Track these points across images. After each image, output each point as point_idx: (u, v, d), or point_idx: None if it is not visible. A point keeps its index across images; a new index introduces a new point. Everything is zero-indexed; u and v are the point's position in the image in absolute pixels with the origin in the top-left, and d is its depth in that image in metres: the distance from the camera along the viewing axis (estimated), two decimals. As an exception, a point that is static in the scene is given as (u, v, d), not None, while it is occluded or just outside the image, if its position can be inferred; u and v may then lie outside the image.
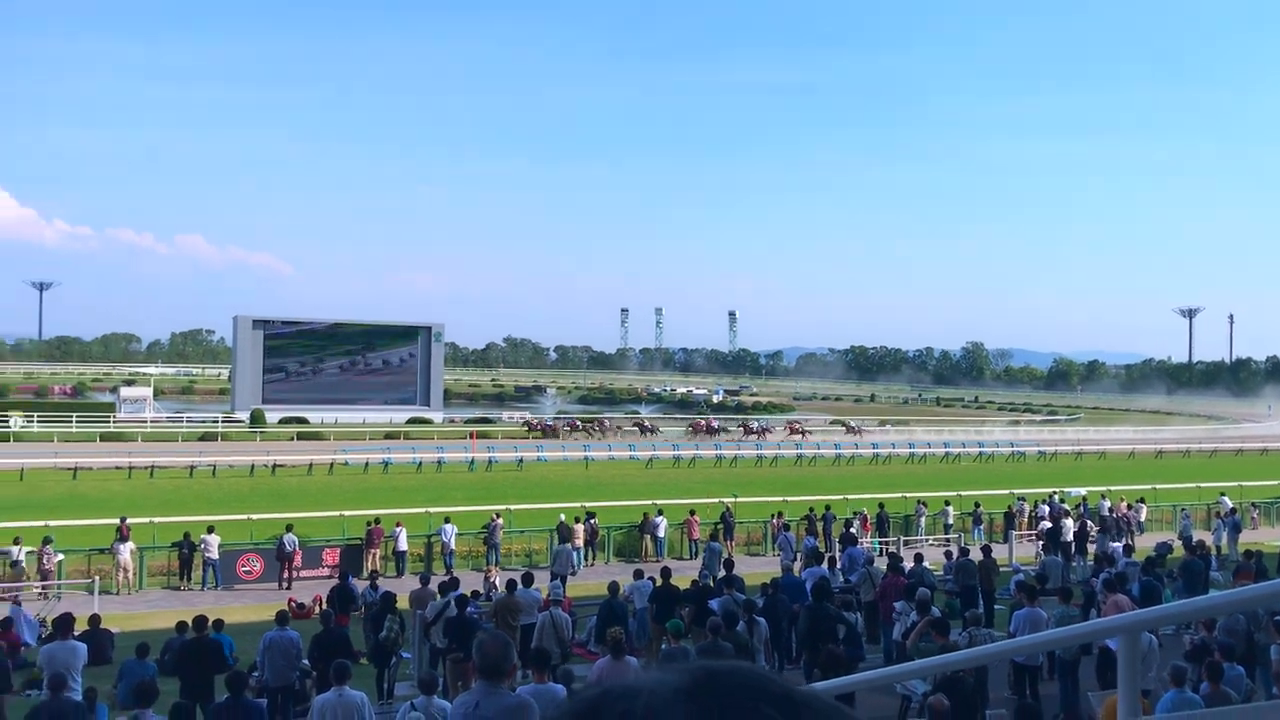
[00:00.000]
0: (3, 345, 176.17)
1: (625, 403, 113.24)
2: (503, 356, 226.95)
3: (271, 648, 12.22)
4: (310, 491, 39.93)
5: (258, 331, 75.47)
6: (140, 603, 23.34)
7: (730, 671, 1.01)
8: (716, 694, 0.98)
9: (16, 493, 37.59)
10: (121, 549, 24.17)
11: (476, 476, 46.85)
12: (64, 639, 11.75)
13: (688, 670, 1.01)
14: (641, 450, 55.45)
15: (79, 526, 25.97)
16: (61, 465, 43.43)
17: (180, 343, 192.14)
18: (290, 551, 25.11)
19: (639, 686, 1.00)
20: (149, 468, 43.76)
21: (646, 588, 16.96)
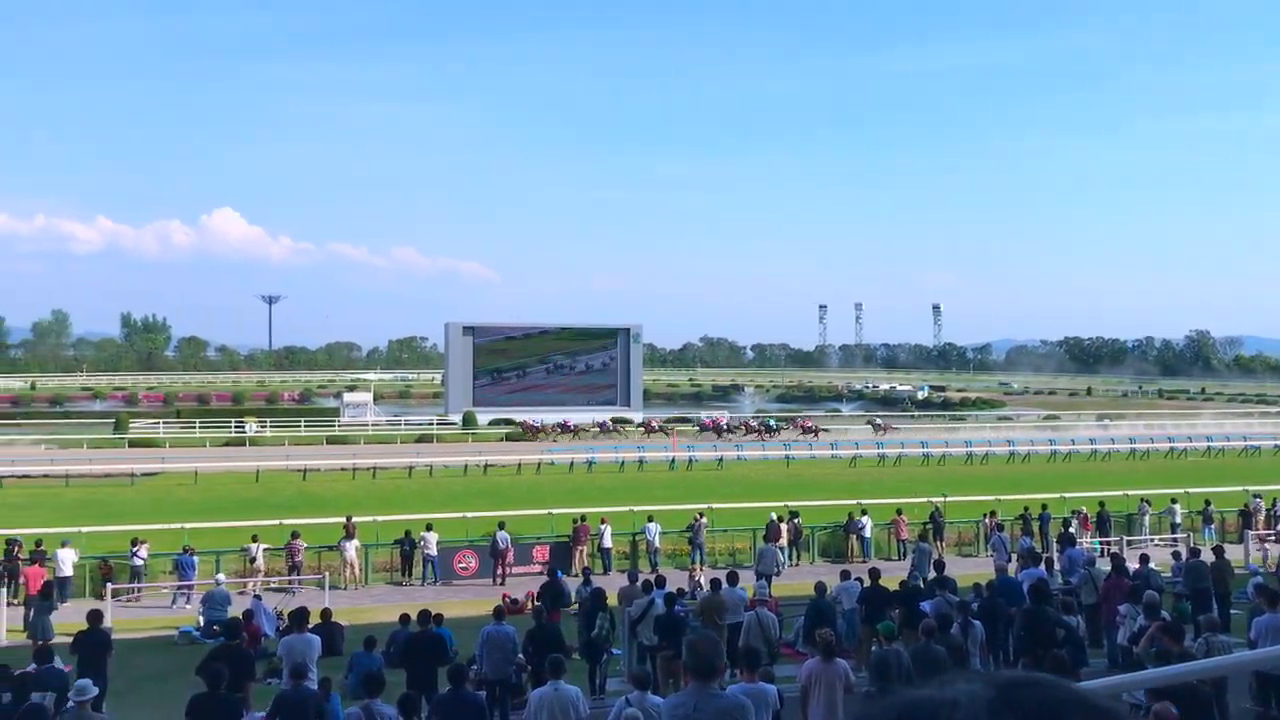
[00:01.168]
0: (237, 356, 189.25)
1: (825, 400, 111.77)
2: (700, 356, 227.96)
3: (489, 642, 12.64)
4: (521, 489, 41.18)
5: (467, 338, 78.45)
6: (366, 597, 24.58)
7: (1034, 683, 1.03)
8: (1027, 705, 0.99)
9: (253, 493, 40.26)
10: (347, 546, 25.54)
11: (678, 475, 47.22)
12: (300, 631, 12.48)
13: (992, 682, 1.03)
14: (844, 449, 54.62)
15: (310, 525, 27.52)
16: (292, 467, 46.24)
17: (397, 350, 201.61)
18: (503, 548, 25.95)
19: (949, 698, 1.00)
20: (371, 469, 46.07)
21: (854, 588, 16.69)
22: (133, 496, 39.47)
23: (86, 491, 40.44)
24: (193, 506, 35.82)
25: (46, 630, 17.43)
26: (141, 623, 21.70)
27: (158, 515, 32.77)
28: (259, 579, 24.59)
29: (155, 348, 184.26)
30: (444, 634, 13.14)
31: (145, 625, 21.51)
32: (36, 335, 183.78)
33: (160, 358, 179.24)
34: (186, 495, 39.54)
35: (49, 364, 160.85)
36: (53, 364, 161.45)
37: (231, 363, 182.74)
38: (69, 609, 20.66)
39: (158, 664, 17.32)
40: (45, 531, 26.11)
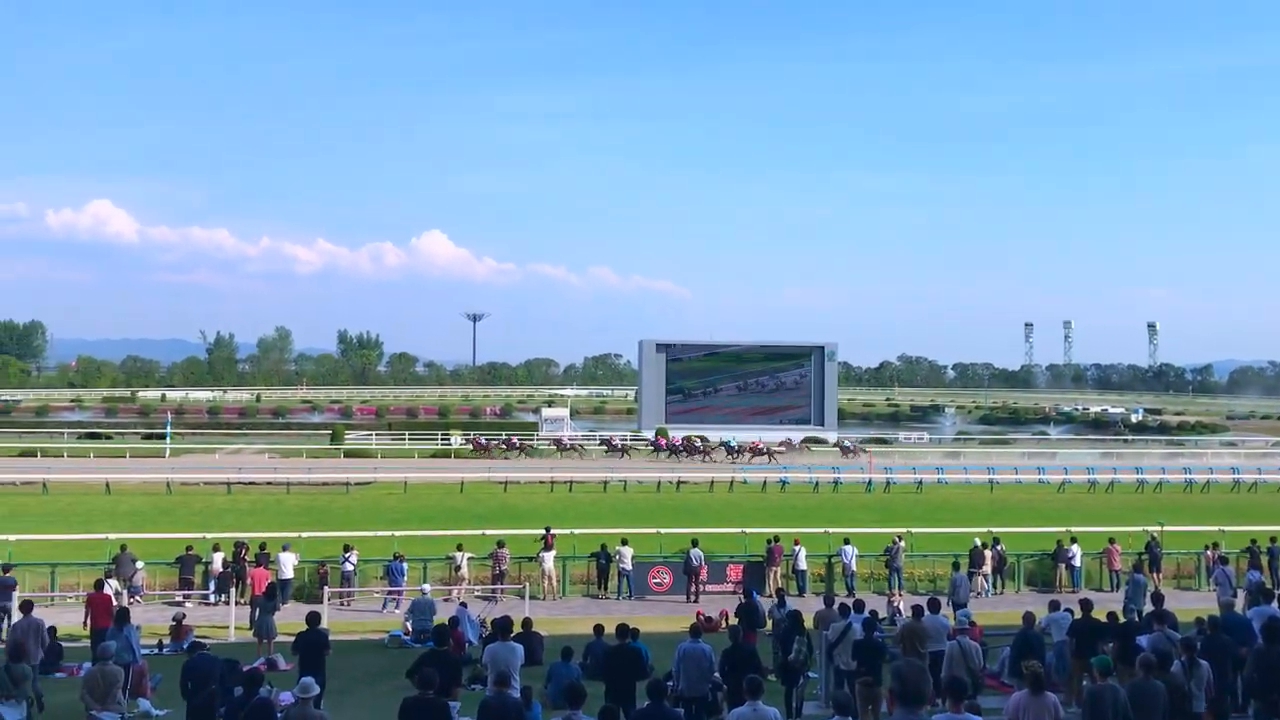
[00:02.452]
0: (443, 371, 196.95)
1: (1031, 423, 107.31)
2: (897, 375, 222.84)
3: (686, 658, 12.65)
4: (711, 507, 41.21)
5: (660, 355, 79.28)
6: (563, 609, 25.07)
7: None
8: None
9: (458, 503, 41.71)
10: (546, 558, 26.14)
11: (874, 497, 46.28)
12: (504, 640, 12.81)
13: None
14: (1052, 473, 52.31)
15: (510, 535, 28.28)
16: (494, 479, 47.68)
17: (592, 366, 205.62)
18: (697, 566, 26.01)
19: None
20: (568, 482, 47.04)
21: (1065, 620, 15.90)
22: (347, 504, 41.51)
23: (306, 498, 42.79)
24: (402, 515, 37.42)
25: (270, 629, 18.51)
26: (354, 625, 22.76)
27: (370, 523, 34.39)
28: (463, 586, 25.45)
29: (369, 363, 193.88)
30: (641, 648, 13.23)
31: (357, 628, 22.55)
32: (262, 351, 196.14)
33: (373, 373, 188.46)
34: (396, 504, 41.30)
35: (273, 378, 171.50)
36: (276, 378, 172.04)
37: (438, 378, 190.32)
38: (289, 610, 21.92)
39: (370, 665, 18.12)
40: (268, 536, 27.78)
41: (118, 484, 44.76)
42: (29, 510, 38.28)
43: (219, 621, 22.49)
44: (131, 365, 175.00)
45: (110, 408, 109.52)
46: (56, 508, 39.04)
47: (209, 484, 45.99)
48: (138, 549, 25.87)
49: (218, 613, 23.46)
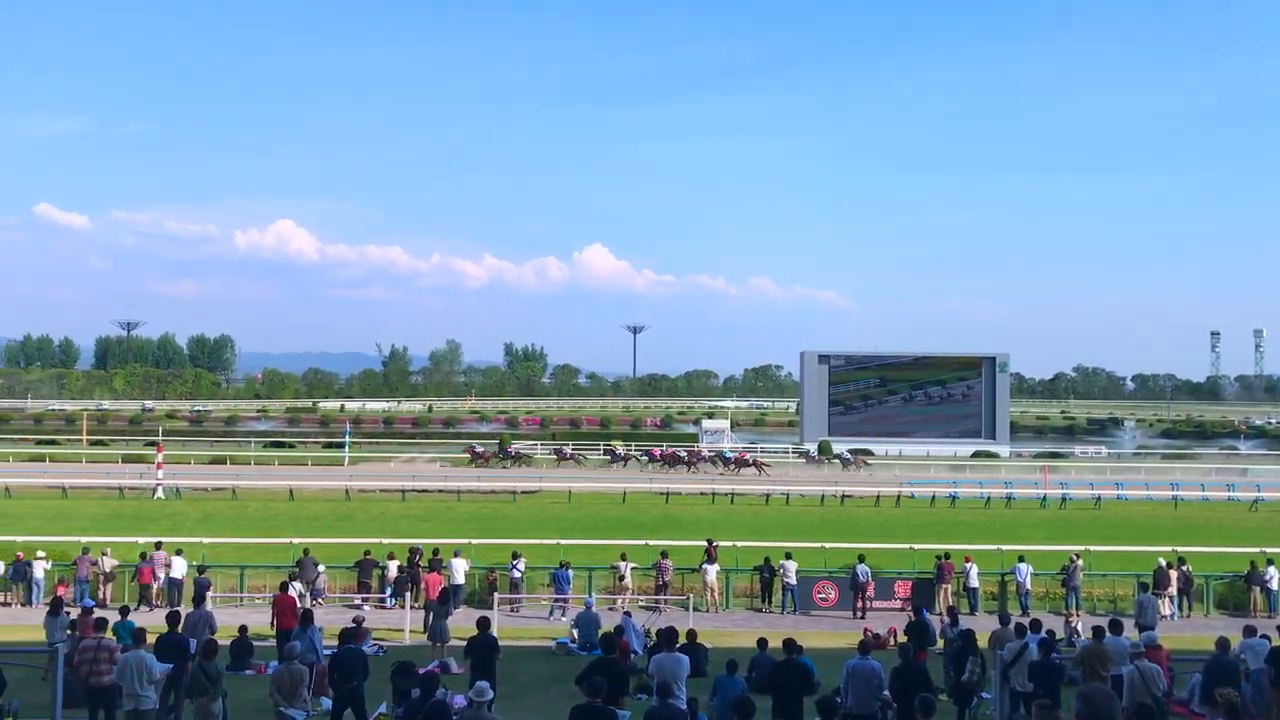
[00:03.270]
0: (605, 382, 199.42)
1: (1219, 437, 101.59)
2: (1073, 387, 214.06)
3: (855, 676, 12.46)
4: (877, 522, 40.45)
5: (822, 366, 78.40)
6: (726, 621, 25.00)
7: None
8: None
9: (620, 513, 42.15)
10: (709, 569, 26.11)
11: (1050, 514, 44.62)
12: (669, 650, 12.88)
13: None
14: (1243, 490, 49.41)
15: (672, 546, 28.36)
16: (655, 490, 48.00)
17: (752, 378, 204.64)
18: (863, 582, 25.54)
19: None
20: (729, 494, 46.93)
21: (1262, 646, 14.98)
22: (514, 512, 42.45)
23: (475, 506, 43.97)
24: (566, 524, 38.04)
25: (443, 633, 19.06)
26: (521, 631, 23.21)
27: (535, 531, 35.09)
28: (627, 596, 25.66)
29: (534, 375, 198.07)
30: (809, 664, 13.09)
31: (525, 634, 22.99)
32: (433, 363, 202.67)
33: (538, 384, 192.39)
34: (561, 513, 42.00)
35: (443, 389, 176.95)
36: (446, 389, 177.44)
37: (600, 389, 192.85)
38: (460, 615, 22.52)
39: (538, 671, 18.46)
40: (440, 542, 28.60)
41: (300, 490, 46.93)
42: (220, 514, 40.52)
43: (395, 625, 23.28)
44: (312, 377, 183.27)
45: (293, 418, 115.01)
46: (245, 512, 41.21)
47: (385, 491, 47.76)
48: (319, 553, 27.02)
49: (394, 616, 24.29)
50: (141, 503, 43.97)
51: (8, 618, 24.27)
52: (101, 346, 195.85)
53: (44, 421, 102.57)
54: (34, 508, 41.45)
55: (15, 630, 22.29)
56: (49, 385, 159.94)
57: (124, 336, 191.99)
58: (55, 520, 37.72)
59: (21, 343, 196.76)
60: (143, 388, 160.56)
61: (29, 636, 20.25)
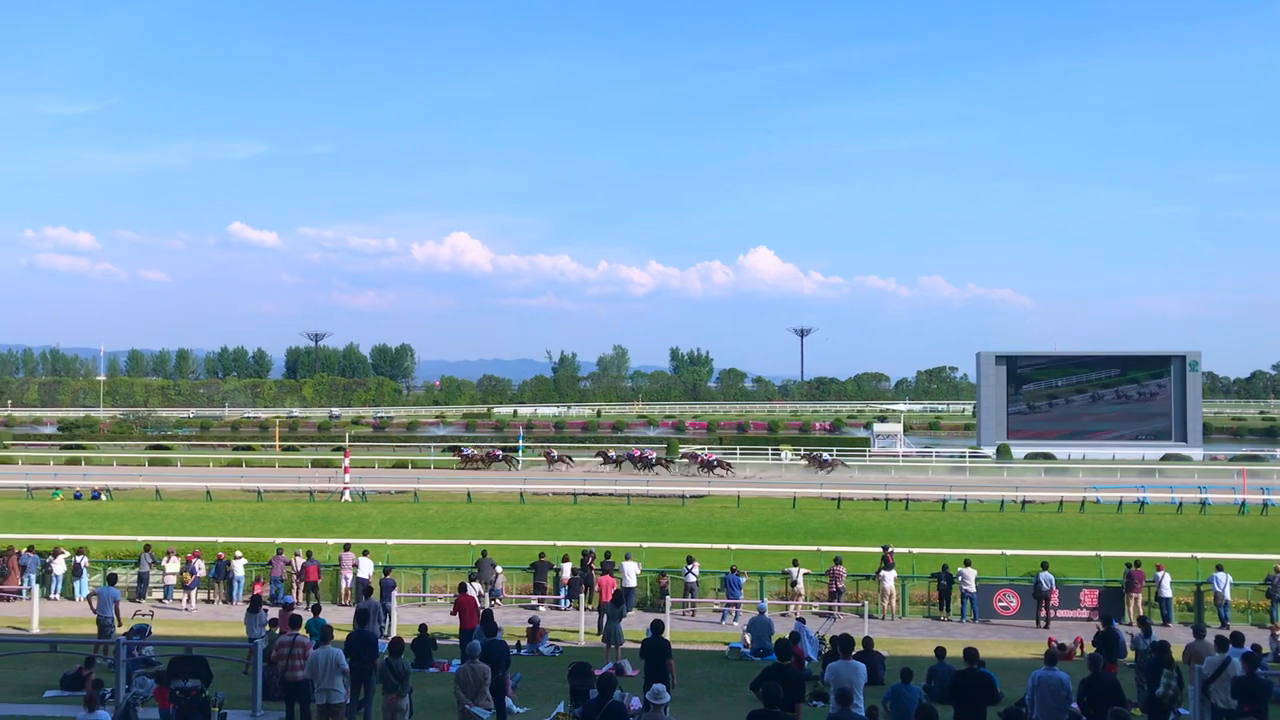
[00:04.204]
0: (772, 386, 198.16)
1: None
2: (1272, 386, 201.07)
3: (1041, 687, 12.01)
4: (1061, 529, 38.91)
5: (1000, 367, 75.93)
6: (904, 629, 24.47)
7: None
8: None
9: (790, 519, 41.76)
10: (886, 576, 25.61)
11: (1249, 520, 42.03)
12: (845, 658, 12.67)
13: None
14: None
15: (845, 552, 27.93)
16: (826, 495, 47.37)
17: (925, 380, 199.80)
18: (1046, 590, 24.59)
19: None
20: (903, 500, 45.96)
21: None
22: (682, 516, 42.59)
23: (644, 510, 44.31)
24: (735, 528, 37.97)
25: (617, 635, 19.28)
26: (694, 635, 23.26)
27: (704, 535, 35.16)
28: (800, 602, 25.42)
29: (699, 379, 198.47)
30: (991, 674, 12.68)
31: (698, 638, 23.03)
32: (601, 369, 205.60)
33: (704, 388, 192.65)
34: (730, 517, 41.91)
35: (611, 395, 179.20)
36: (614, 394, 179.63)
37: (767, 393, 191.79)
38: (632, 618, 22.72)
39: (712, 676, 18.47)
40: (612, 545, 29.03)
41: (477, 493, 48.25)
42: (403, 517, 42.05)
43: (569, 626, 23.68)
44: (487, 384, 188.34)
45: (469, 423, 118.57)
46: (426, 515, 42.64)
47: (557, 494, 48.65)
48: (495, 554, 27.73)
49: (568, 617, 24.72)
50: (330, 505, 46.02)
51: (210, 614, 25.79)
52: (292, 357, 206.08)
53: (240, 428, 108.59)
54: (233, 510, 43.91)
55: (217, 626, 23.67)
56: (244, 394, 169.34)
57: (312, 347, 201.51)
58: (252, 522, 39.91)
59: (219, 354, 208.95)
60: (330, 395, 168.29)
61: (230, 632, 21.48)
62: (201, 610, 26.23)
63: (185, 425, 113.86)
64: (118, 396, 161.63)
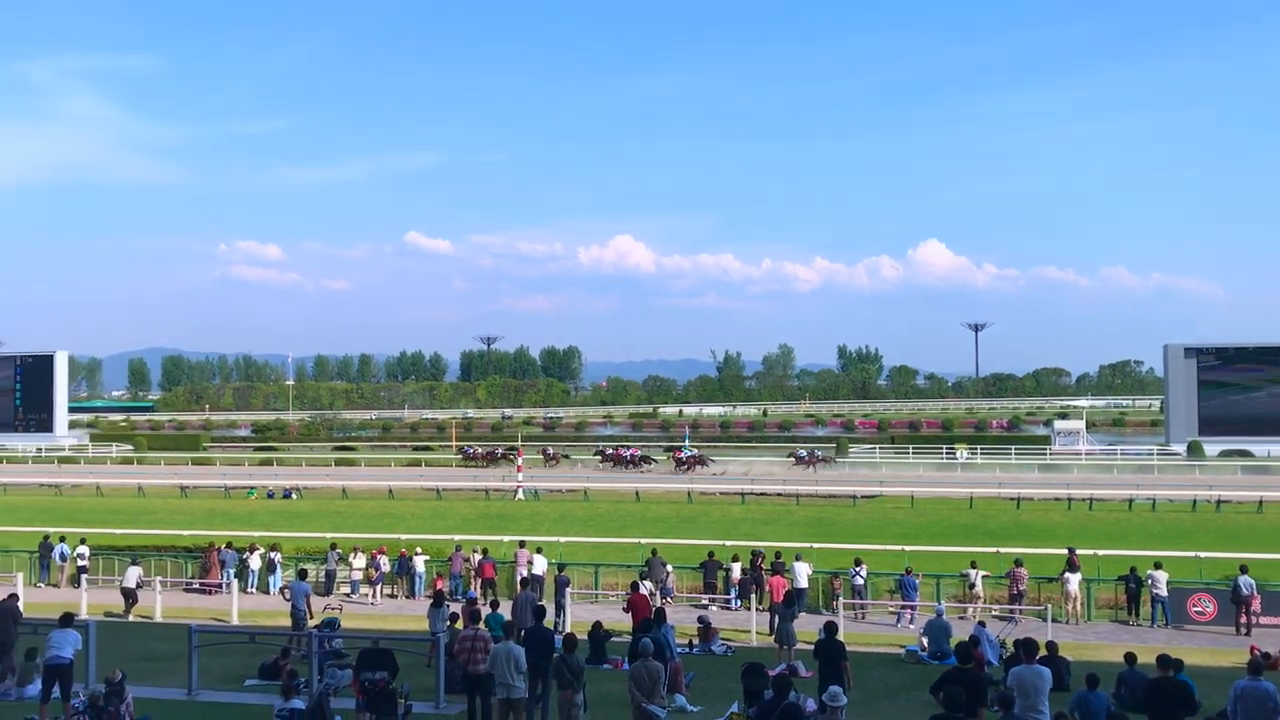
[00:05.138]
0: (945, 383, 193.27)
1: None
2: None
3: (1245, 697, 11.31)
4: (1261, 530, 36.68)
5: (1190, 360, 72.04)
6: (1089, 633, 23.46)
7: None
8: None
9: (966, 519, 40.67)
10: (1070, 579, 24.59)
11: None
12: (1029, 662, 12.23)
13: None
14: None
15: (1026, 554, 26.99)
16: (1004, 495, 45.89)
17: (1108, 375, 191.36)
18: (1247, 595, 23.17)
19: None
20: (1087, 499, 44.10)
21: None
22: (854, 517, 41.97)
23: (814, 510, 43.85)
24: (909, 529, 37.17)
25: (790, 636, 19.11)
26: (867, 638, 22.83)
27: (876, 536, 34.52)
28: (979, 605, 24.68)
29: (868, 377, 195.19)
30: (1189, 682, 12.03)
31: (871, 640, 22.61)
32: (766, 367, 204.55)
33: (873, 386, 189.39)
34: (903, 518, 41.07)
35: (777, 393, 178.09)
36: (780, 393, 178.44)
37: (940, 390, 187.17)
38: (803, 619, 22.46)
39: (889, 679, 18.10)
40: (781, 545, 28.78)
41: (645, 492, 48.70)
42: (573, 515, 42.79)
43: (741, 626, 23.60)
44: (652, 384, 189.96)
45: (636, 423, 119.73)
46: (596, 513, 43.30)
47: (724, 494, 48.64)
48: (665, 553, 27.87)
49: (739, 617, 24.63)
50: (505, 504, 47.22)
51: (394, 608, 26.78)
52: (466, 360, 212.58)
53: (419, 429, 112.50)
54: (413, 508, 45.56)
55: (401, 620, 24.54)
56: (422, 396, 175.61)
57: (484, 350, 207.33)
58: (431, 519, 41.32)
59: (398, 359, 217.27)
60: (502, 397, 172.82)
61: (413, 626, 22.26)
62: (386, 605, 27.27)
63: (368, 427, 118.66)
64: (305, 400, 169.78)
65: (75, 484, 56.40)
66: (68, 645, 14.79)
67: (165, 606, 25.74)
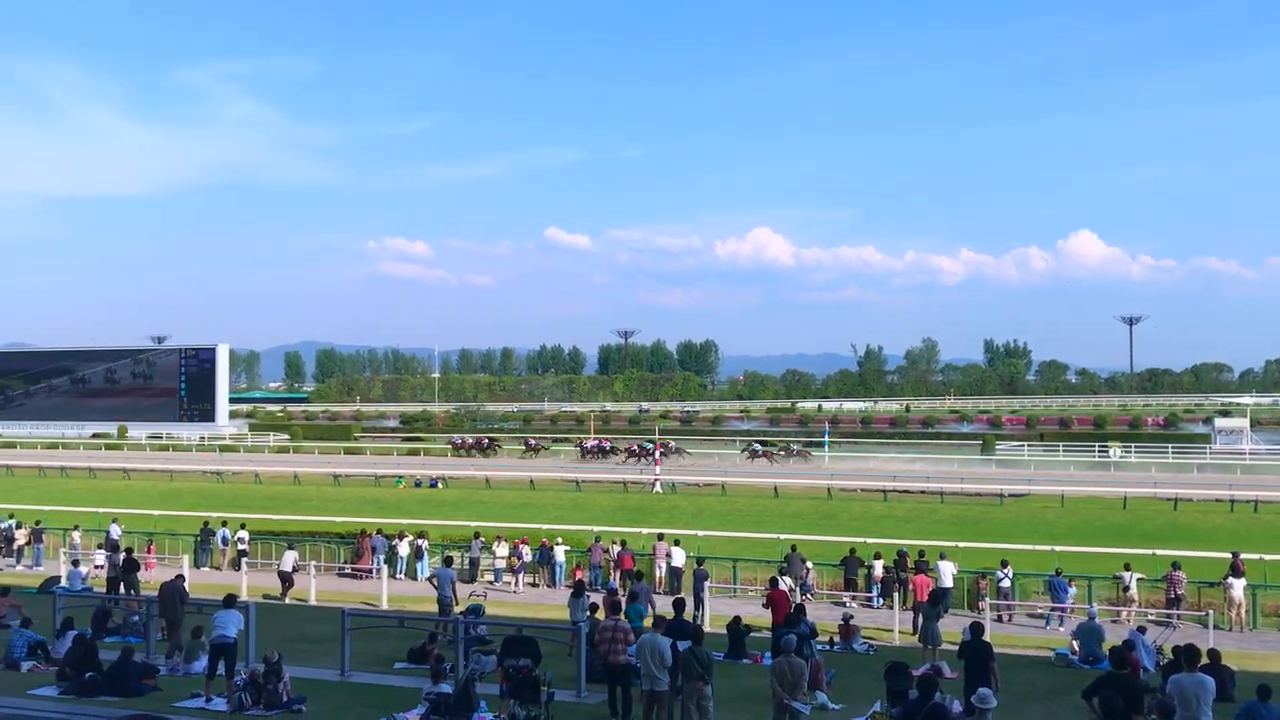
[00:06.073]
0: (1097, 379, 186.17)
1: None
2: None
3: None
4: None
5: (1367, 355, 67.70)
6: (1255, 642, 22.35)
7: None
8: None
9: (1120, 520, 39.14)
10: (1234, 584, 23.46)
11: None
12: (1190, 670, 11.70)
13: None
14: None
15: (1184, 557, 25.84)
16: (1161, 495, 43.96)
17: (1275, 370, 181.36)
18: None
19: None
20: (1252, 501, 41.94)
21: None
22: (1000, 516, 40.81)
23: (959, 508, 42.78)
24: (1058, 529, 35.96)
25: (935, 636, 18.73)
26: (1015, 639, 22.22)
27: (1024, 536, 33.50)
28: (1133, 609, 23.75)
29: (1016, 372, 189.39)
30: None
31: (1019, 642, 22.00)
32: (909, 362, 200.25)
33: (1021, 382, 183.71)
34: (1052, 518, 39.76)
35: (920, 389, 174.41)
36: (923, 389, 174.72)
37: (1091, 386, 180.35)
38: (947, 619, 21.96)
39: (1037, 682, 17.55)
40: (925, 543, 28.23)
41: (784, 488, 48.34)
42: (711, 509, 42.76)
43: (883, 625, 23.25)
44: (790, 379, 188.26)
45: (773, 418, 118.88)
46: (733, 508, 43.17)
47: (865, 491, 47.90)
48: (804, 549, 27.64)
49: (881, 616, 24.27)
50: (643, 496, 47.52)
51: (535, 596, 27.28)
52: (603, 354, 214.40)
53: (558, 421, 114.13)
54: (553, 499, 46.26)
55: (542, 608, 24.98)
56: (561, 389, 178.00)
57: (622, 344, 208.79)
58: (571, 510, 41.88)
59: (538, 352, 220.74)
60: (639, 390, 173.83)
61: (554, 615, 22.60)
62: (527, 593, 27.80)
63: (509, 419, 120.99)
64: (450, 392, 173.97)
65: (235, 471, 59.03)
66: (232, 625, 15.52)
67: (319, 590, 26.80)
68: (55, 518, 36.66)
